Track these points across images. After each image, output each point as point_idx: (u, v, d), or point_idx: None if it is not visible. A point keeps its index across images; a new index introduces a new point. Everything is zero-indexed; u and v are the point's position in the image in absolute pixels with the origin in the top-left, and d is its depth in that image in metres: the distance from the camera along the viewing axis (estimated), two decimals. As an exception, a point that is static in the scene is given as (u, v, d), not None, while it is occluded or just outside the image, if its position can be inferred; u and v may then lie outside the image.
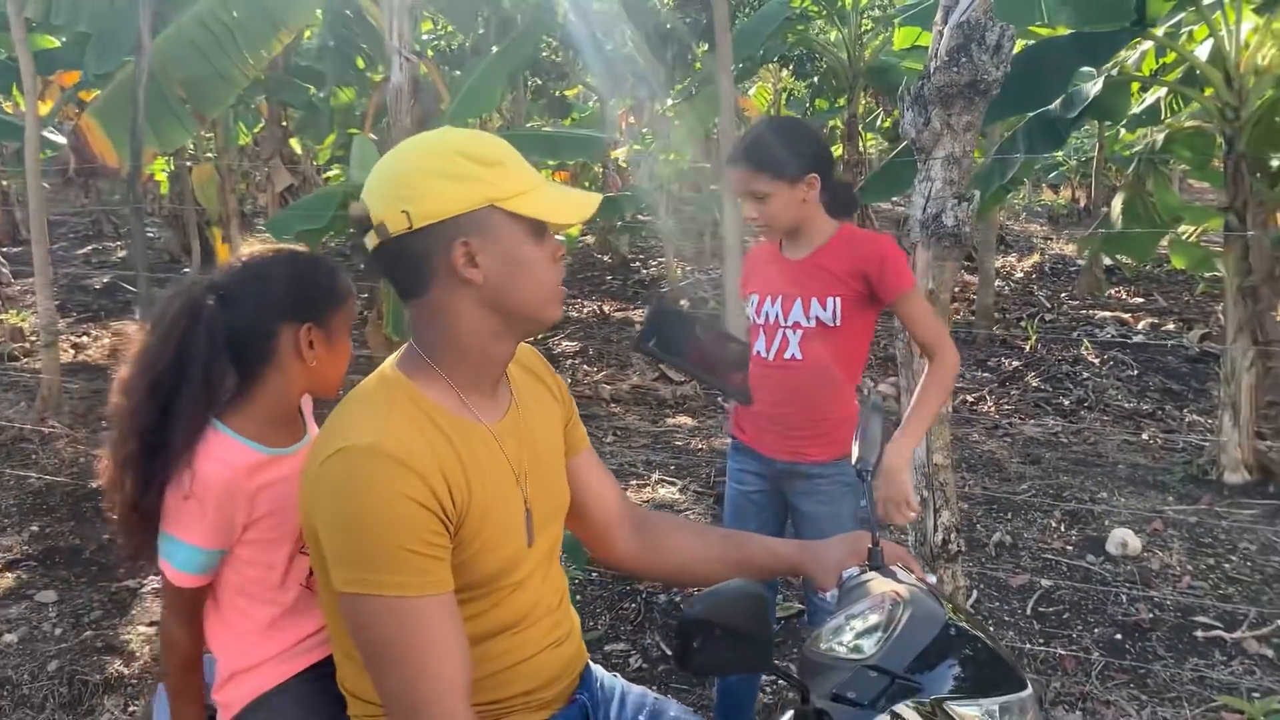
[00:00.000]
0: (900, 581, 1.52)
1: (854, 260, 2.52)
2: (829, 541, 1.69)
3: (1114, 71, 5.34)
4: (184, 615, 1.64)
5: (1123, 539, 4.21)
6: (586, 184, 14.39)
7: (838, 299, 2.52)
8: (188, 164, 11.16)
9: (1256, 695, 3.21)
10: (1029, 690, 1.36)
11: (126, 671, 3.48)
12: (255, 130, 12.69)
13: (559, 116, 13.33)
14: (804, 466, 2.58)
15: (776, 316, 2.57)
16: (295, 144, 10.64)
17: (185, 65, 5.24)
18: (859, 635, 1.40)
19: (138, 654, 3.58)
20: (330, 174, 13.63)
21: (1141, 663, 3.43)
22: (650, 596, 3.96)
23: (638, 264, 12.72)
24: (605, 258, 13.02)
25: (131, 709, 3.27)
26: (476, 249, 1.36)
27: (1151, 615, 3.72)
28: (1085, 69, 5.01)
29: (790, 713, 1.29)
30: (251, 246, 1.69)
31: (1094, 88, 5.06)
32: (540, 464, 1.53)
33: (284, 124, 10.37)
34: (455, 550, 1.35)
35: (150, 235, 16.18)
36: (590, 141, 6.08)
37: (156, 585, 4.17)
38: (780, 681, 1.61)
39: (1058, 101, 5.09)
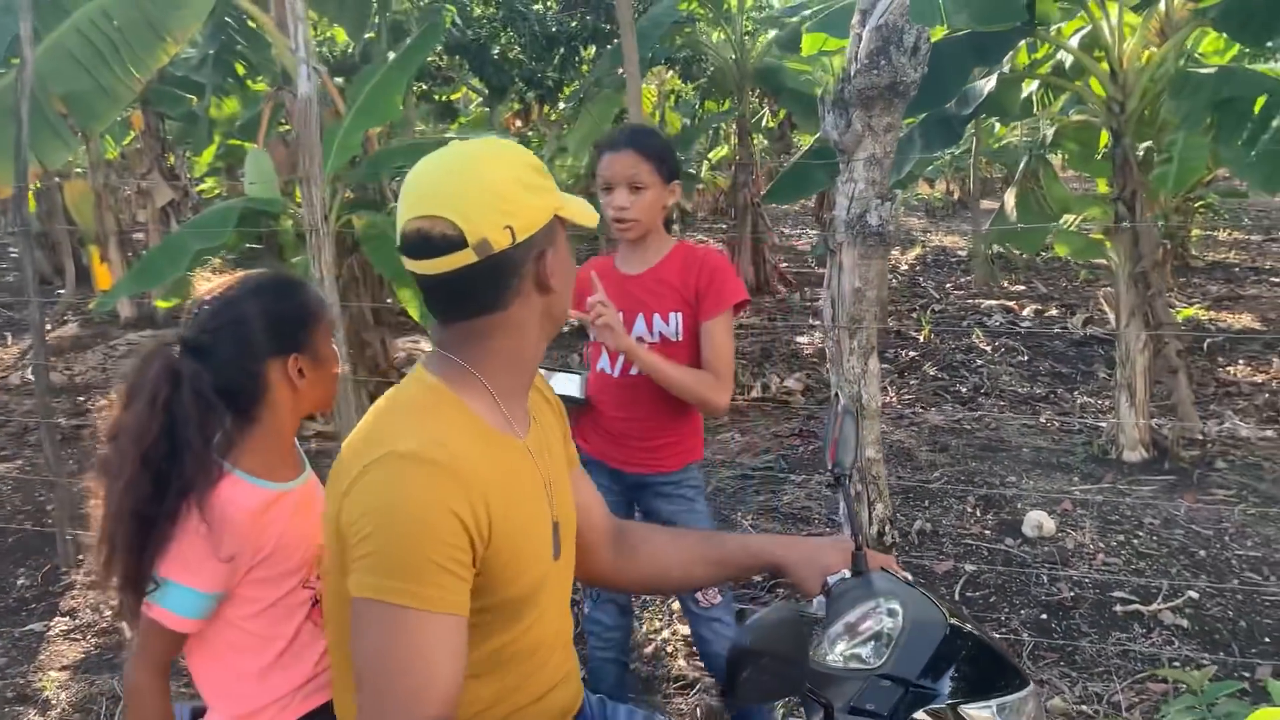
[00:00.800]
0: (889, 586, 1.53)
1: (691, 275, 2.54)
2: (814, 544, 1.69)
3: (1006, 69, 5.53)
4: (159, 665, 1.57)
5: (1038, 521, 4.36)
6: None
7: (679, 314, 2.55)
8: (57, 180, 10.64)
9: (1177, 664, 3.36)
10: (1030, 686, 1.39)
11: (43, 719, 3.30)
12: (124, 144, 12.20)
13: (446, 121, 13.16)
14: (652, 477, 2.62)
15: None
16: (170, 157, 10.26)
17: (65, 79, 4.98)
18: (859, 643, 1.41)
19: (54, 702, 3.40)
20: (202, 186, 13.18)
21: (1069, 640, 3.56)
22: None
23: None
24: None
25: (53, 759, 3.11)
26: (550, 258, 1.37)
27: (1073, 594, 3.86)
28: (978, 68, 5.17)
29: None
30: (207, 283, 1.63)
31: (987, 85, 5.24)
32: (559, 477, 1.51)
33: (161, 136, 10.02)
34: (487, 571, 1.31)
35: (15, 255, 15.42)
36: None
37: (65, 627, 3.97)
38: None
39: (953, 101, 5.24)
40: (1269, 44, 4.74)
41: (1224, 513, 4.57)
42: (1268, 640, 3.50)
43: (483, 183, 1.33)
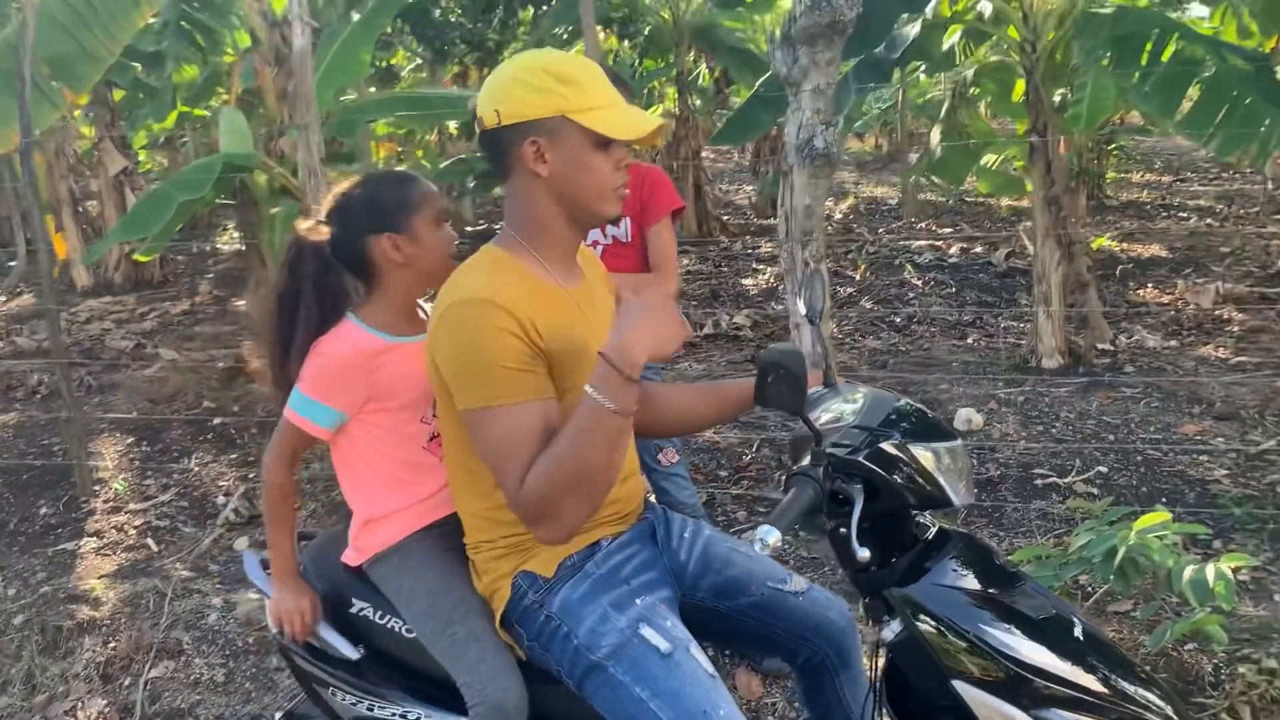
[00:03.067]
0: (853, 387, 2.03)
1: (636, 188, 3.03)
2: None
3: (930, 15, 6.02)
4: (284, 457, 2.01)
5: (968, 416, 4.91)
6: (419, 151, 14.50)
7: (627, 219, 3.07)
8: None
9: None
10: (958, 440, 1.88)
11: (97, 615, 3.68)
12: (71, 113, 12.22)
13: (389, 85, 13.37)
14: None
15: None
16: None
17: (50, 43, 5.22)
18: (835, 414, 1.89)
19: (103, 599, 3.77)
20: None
21: (996, 505, 4.10)
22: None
23: (484, 226, 12.97)
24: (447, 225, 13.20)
25: (112, 645, 3.49)
26: (545, 148, 1.73)
27: (999, 472, 4.42)
28: (906, 14, 5.66)
29: (809, 455, 1.75)
30: (342, 179, 2.06)
31: (913, 30, 5.73)
32: (606, 325, 1.94)
33: (111, 105, 10.14)
34: (553, 360, 1.72)
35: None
36: (459, 101, 6.36)
37: (94, 545, 4.33)
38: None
39: (882, 45, 5.73)
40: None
41: (1131, 407, 5.16)
42: (1164, 500, 4.08)
43: (496, 78, 1.75)
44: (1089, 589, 3.43)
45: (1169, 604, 3.11)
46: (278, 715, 2.24)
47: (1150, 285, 8.07)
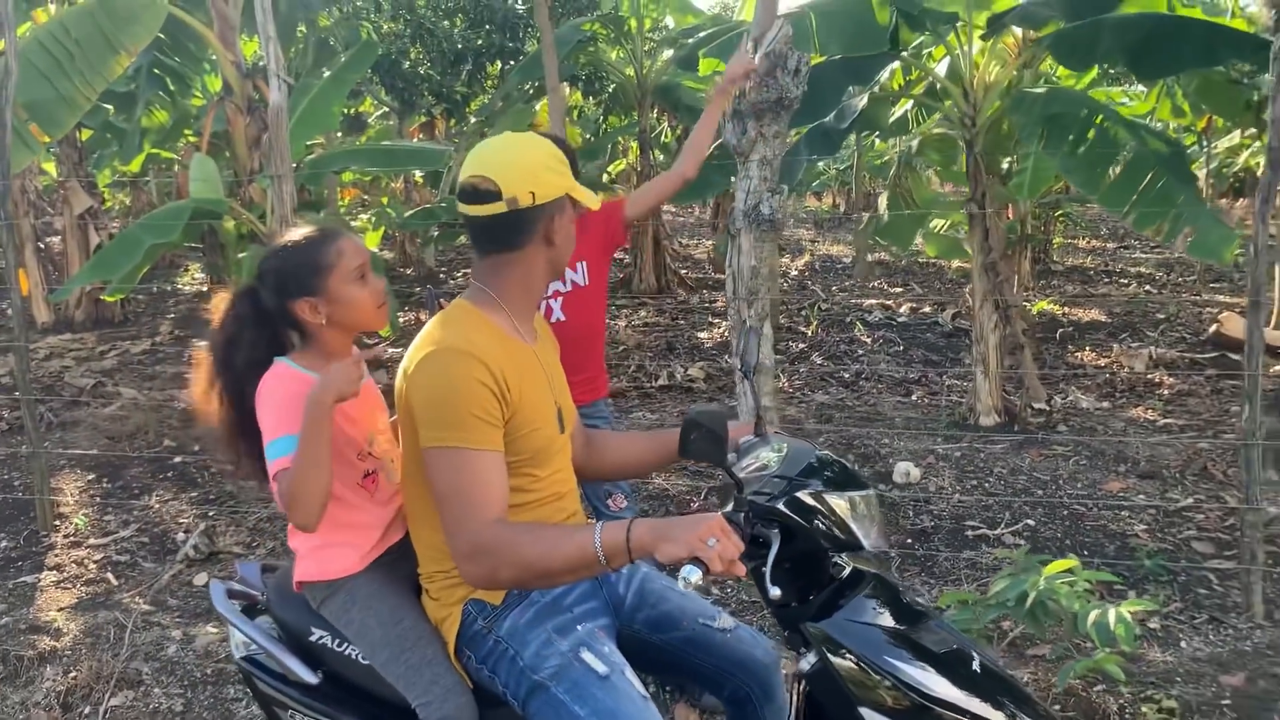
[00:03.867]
0: (779, 437, 2.23)
1: (597, 225, 3.27)
2: (732, 424, 2.37)
3: (876, 89, 6.35)
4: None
5: (906, 470, 5.14)
6: (384, 199, 14.68)
7: (584, 261, 3.29)
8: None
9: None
10: (871, 490, 2.09)
11: (57, 645, 3.77)
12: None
13: (355, 133, 13.59)
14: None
15: None
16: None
17: (27, 88, 5.37)
18: (762, 462, 2.09)
19: (64, 630, 3.87)
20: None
21: (929, 555, 4.32)
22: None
23: (443, 274, 13.16)
24: (408, 271, 13.38)
25: (72, 674, 3.58)
26: (557, 222, 1.98)
27: (933, 524, 4.64)
28: (852, 87, 5.97)
29: (732, 503, 1.95)
30: (284, 234, 2.22)
31: (860, 102, 6.04)
32: (558, 378, 2.14)
33: (78, 145, 10.26)
34: (511, 427, 1.92)
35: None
36: (426, 154, 6.58)
37: (54, 579, 4.42)
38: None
39: (832, 115, 6.03)
40: (1092, 67, 5.62)
41: (1061, 464, 5.42)
42: (1085, 552, 4.32)
43: (521, 159, 1.96)
44: (1012, 634, 3.64)
45: (1083, 647, 3.32)
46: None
47: (1088, 348, 8.41)
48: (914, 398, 7.19)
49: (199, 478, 5.59)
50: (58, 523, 4.95)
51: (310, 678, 2.17)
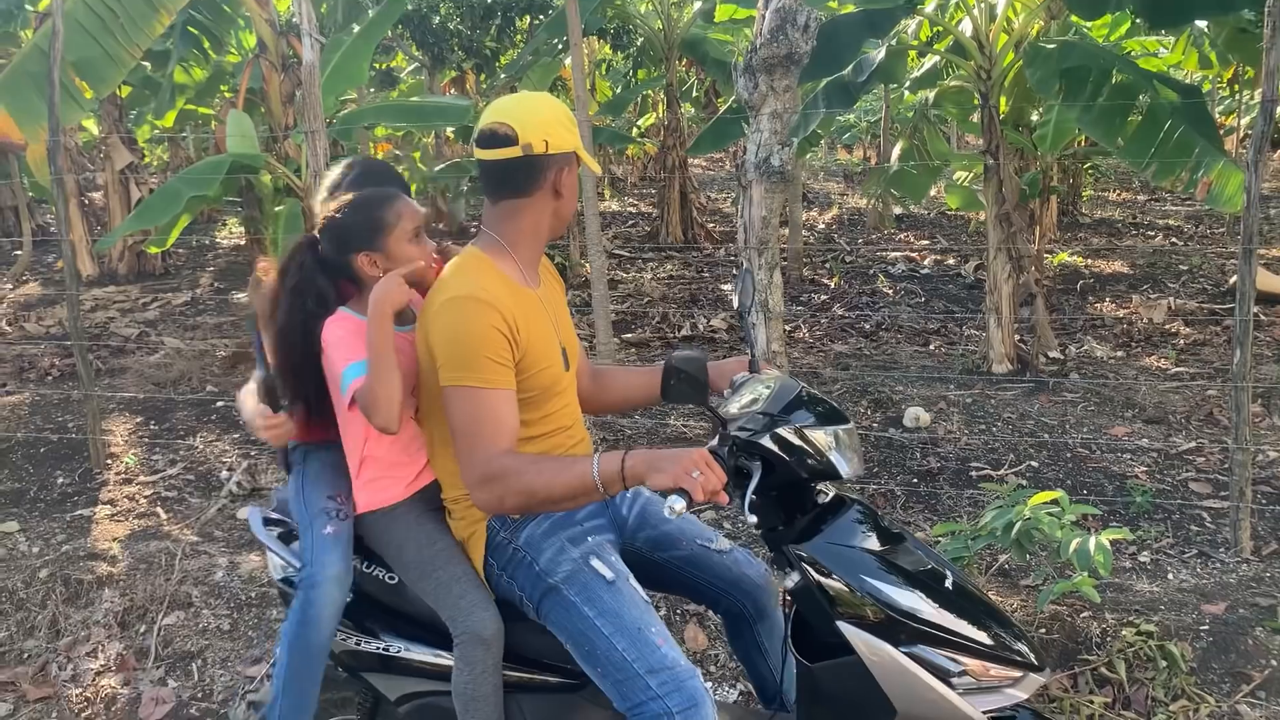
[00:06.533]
0: (768, 373, 2.42)
1: None
2: (726, 362, 2.56)
3: (894, 41, 6.44)
4: None
5: (916, 414, 5.32)
6: (416, 154, 14.87)
7: None
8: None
9: (1013, 509, 4.32)
10: (850, 423, 2.28)
11: (114, 571, 4.05)
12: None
13: (386, 88, 13.75)
14: None
15: None
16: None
17: (75, 47, 5.61)
18: (749, 399, 2.28)
19: (119, 557, 4.16)
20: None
21: (932, 494, 4.51)
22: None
23: (474, 229, 13.34)
24: (440, 225, 13.59)
25: (128, 597, 3.87)
26: (565, 175, 2.17)
27: (939, 464, 4.83)
28: (871, 40, 6.07)
29: (717, 438, 2.14)
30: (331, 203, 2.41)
31: (878, 55, 6.14)
32: (563, 319, 2.34)
33: (119, 102, 10.52)
34: (520, 367, 2.12)
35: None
36: (454, 109, 6.77)
37: (108, 513, 4.71)
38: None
39: (850, 67, 6.14)
40: (1104, 14, 5.67)
41: (1069, 410, 5.58)
42: (1085, 492, 4.49)
43: (537, 110, 2.14)
44: (1006, 567, 3.84)
45: (1069, 576, 3.51)
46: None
47: (1108, 299, 8.51)
48: (931, 347, 7.34)
49: (240, 420, 5.86)
50: (109, 461, 5.25)
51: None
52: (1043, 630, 3.32)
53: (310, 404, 2.37)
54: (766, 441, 2.09)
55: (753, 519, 2.06)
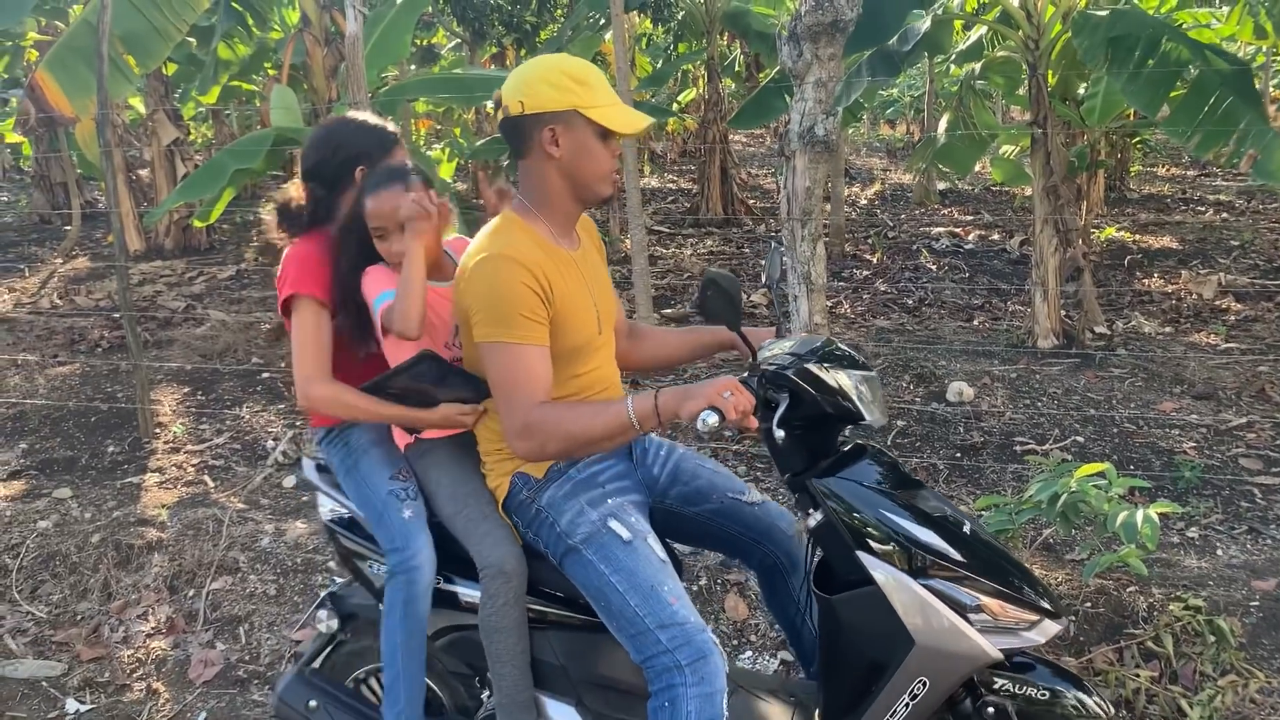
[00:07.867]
0: (794, 334, 2.43)
1: None
2: (753, 329, 2.56)
3: (940, 11, 6.34)
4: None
5: (960, 389, 5.27)
6: (456, 130, 14.91)
7: None
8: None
9: (1058, 484, 4.28)
10: (874, 371, 2.27)
11: (163, 536, 4.13)
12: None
13: (427, 64, 13.77)
14: None
15: None
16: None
17: (123, 22, 5.69)
18: (783, 348, 2.28)
19: (168, 524, 4.23)
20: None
21: (975, 468, 4.47)
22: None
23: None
24: (479, 200, 13.62)
25: (177, 562, 3.94)
26: (560, 135, 2.14)
27: (982, 439, 4.78)
28: (916, 10, 5.99)
29: (746, 371, 2.17)
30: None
31: (924, 25, 6.05)
32: (599, 283, 2.34)
33: (164, 78, 10.62)
34: (553, 325, 2.14)
35: (4, 200, 15.94)
36: (493, 82, 6.74)
37: (157, 480, 4.79)
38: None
39: (895, 37, 6.06)
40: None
41: (1116, 386, 5.50)
42: (1133, 467, 4.43)
43: (523, 72, 2.16)
44: (1050, 541, 3.81)
45: (1115, 549, 3.47)
46: (323, 594, 2.67)
47: (1157, 275, 8.36)
48: (975, 323, 7.26)
49: (286, 392, 5.93)
50: (158, 430, 5.33)
51: None
52: (1088, 604, 3.29)
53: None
54: (794, 375, 2.13)
55: (780, 433, 2.10)
